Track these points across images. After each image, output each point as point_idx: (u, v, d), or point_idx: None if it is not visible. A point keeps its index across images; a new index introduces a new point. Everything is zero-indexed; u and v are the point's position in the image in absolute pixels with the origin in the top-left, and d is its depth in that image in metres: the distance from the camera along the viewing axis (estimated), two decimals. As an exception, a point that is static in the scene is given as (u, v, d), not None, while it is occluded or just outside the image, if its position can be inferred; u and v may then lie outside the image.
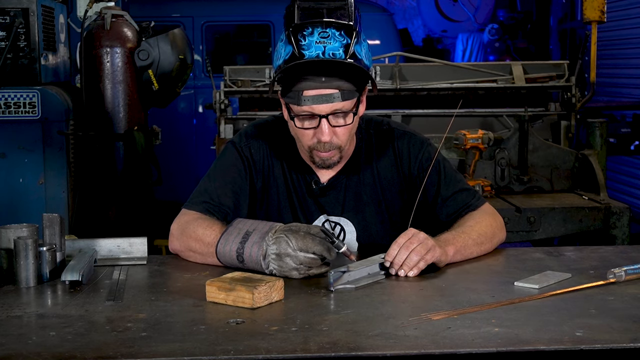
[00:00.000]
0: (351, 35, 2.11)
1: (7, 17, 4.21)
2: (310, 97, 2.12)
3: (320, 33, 2.09)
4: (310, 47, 2.09)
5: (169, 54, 4.54)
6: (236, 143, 2.36)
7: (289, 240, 1.95)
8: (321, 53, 2.08)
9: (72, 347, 1.53)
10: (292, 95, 2.15)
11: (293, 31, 2.11)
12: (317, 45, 2.09)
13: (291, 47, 2.11)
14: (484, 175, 4.55)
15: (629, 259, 2.13)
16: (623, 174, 8.16)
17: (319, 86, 2.11)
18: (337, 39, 2.10)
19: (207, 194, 2.29)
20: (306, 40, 2.09)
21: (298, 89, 2.13)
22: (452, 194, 2.32)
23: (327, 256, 1.96)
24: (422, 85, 5.01)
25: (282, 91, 2.20)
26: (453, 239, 2.16)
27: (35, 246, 1.97)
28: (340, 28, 2.10)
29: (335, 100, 2.12)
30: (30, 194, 4.23)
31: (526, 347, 1.51)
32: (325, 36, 2.09)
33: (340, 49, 2.09)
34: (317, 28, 2.10)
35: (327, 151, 2.20)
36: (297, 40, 2.10)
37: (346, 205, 2.34)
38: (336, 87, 2.12)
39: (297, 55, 2.09)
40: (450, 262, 2.13)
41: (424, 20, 12.04)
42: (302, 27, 2.10)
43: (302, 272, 1.96)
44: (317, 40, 2.09)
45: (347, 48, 2.10)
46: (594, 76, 4.93)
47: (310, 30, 2.10)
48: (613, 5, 7.56)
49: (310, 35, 2.09)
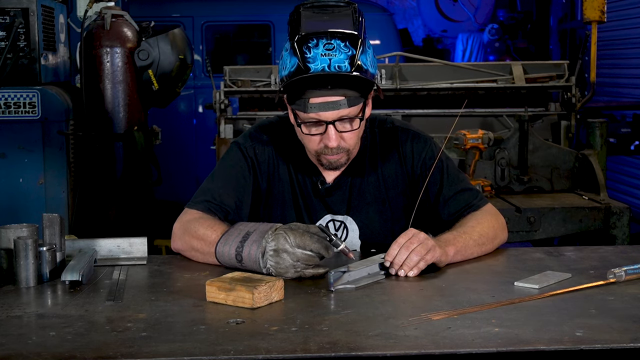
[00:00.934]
0: (356, 45, 2.11)
1: (7, 17, 4.21)
2: (317, 105, 2.13)
3: (325, 45, 2.10)
4: (315, 60, 2.09)
5: (169, 54, 4.55)
6: (241, 144, 2.36)
7: (287, 236, 1.96)
8: (327, 66, 2.09)
9: (72, 347, 1.53)
10: (298, 103, 2.16)
11: (298, 43, 2.12)
12: (323, 58, 2.09)
13: (296, 60, 2.12)
14: (484, 175, 4.55)
15: (629, 259, 2.12)
16: (623, 174, 8.16)
17: (325, 94, 2.12)
18: (342, 50, 2.10)
19: (209, 193, 2.30)
20: (311, 52, 2.10)
21: (304, 97, 2.13)
22: (455, 193, 2.32)
23: (324, 254, 1.96)
24: (422, 85, 5.01)
25: (288, 98, 2.20)
26: (454, 240, 2.16)
27: (35, 246, 1.97)
28: (345, 39, 2.11)
29: (342, 107, 2.13)
30: (30, 194, 4.23)
31: (526, 347, 1.51)
32: (330, 48, 2.10)
33: (345, 61, 2.10)
34: (322, 40, 2.10)
35: (335, 154, 2.21)
36: (302, 52, 2.10)
37: (351, 204, 2.34)
38: (342, 94, 2.13)
39: (303, 69, 2.10)
40: (451, 262, 2.13)
41: (424, 20, 12.04)
42: (307, 39, 2.11)
43: (299, 270, 1.96)
44: (322, 53, 2.09)
45: (353, 59, 2.10)
46: (594, 76, 4.93)
47: (315, 42, 2.10)
48: (613, 5, 7.56)
49: (316, 48, 2.10)
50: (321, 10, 2.16)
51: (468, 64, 6.74)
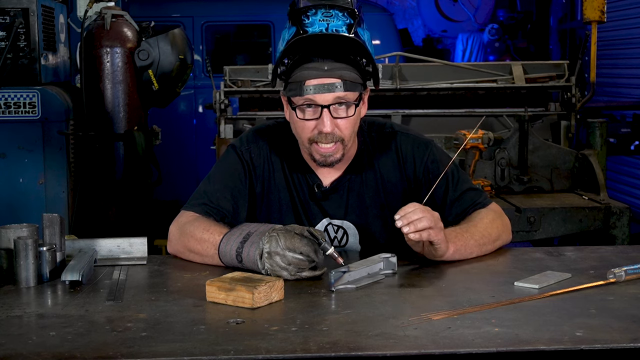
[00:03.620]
0: (354, 17, 2.14)
1: (7, 17, 4.21)
2: (313, 87, 2.13)
3: (324, 13, 2.13)
4: (314, 25, 2.12)
5: (169, 54, 4.54)
6: (237, 147, 2.36)
7: (279, 239, 1.96)
8: (324, 29, 2.11)
9: (72, 347, 1.53)
10: (293, 87, 2.16)
11: (297, 13, 2.14)
12: (321, 22, 2.12)
13: (295, 28, 2.14)
14: (484, 175, 4.55)
15: (629, 259, 2.13)
16: (623, 174, 8.16)
17: (322, 75, 2.13)
18: (341, 18, 2.13)
19: (206, 196, 2.29)
20: (310, 19, 2.12)
21: (300, 78, 2.14)
22: (460, 193, 2.31)
23: (314, 258, 1.96)
24: (422, 85, 5.01)
25: (284, 86, 2.21)
26: (455, 238, 2.15)
27: (35, 246, 1.97)
28: (343, 10, 2.14)
29: (338, 90, 2.13)
30: (30, 194, 4.23)
31: (526, 347, 1.51)
32: (329, 15, 2.13)
33: (343, 26, 2.12)
34: (320, 9, 2.13)
35: (329, 143, 2.19)
36: (300, 20, 2.13)
37: (349, 208, 2.33)
38: (339, 76, 2.13)
39: (301, 33, 2.12)
40: (449, 259, 2.13)
41: (424, 20, 12.04)
42: (306, 10, 2.14)
43: (293, 274, 1.96)
44: (320, 19, 2.12)
45: (350, 27, 2.13)
46: (594, 76, 4.93)
47: (313, 11, 2.13)
48: (613, 5, 7.56)
49: (314, 15, 2.13)
50: None
51: (468, 64, 6.74)
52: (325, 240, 1.98)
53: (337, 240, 2.33)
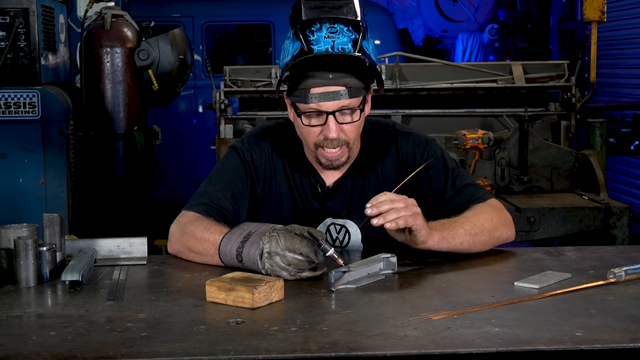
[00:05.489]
0: (359, 30, 2.13)
1: (7, 17, 4.21)
2: (317, 95, 2.13)
3: (329, 28, 2.11)
4: (319, 42, 2.10)
5: (169, 54, 4.54)
6: (238, 148, 2.37)
7: (279, 239, 1.95)
8: (330, 47, 2.10)
9: (72, 347, 1.53)
10: (298, 94, 2.16)
11: (301, 27, 2.12)
12: (326, 40, 2.10)
13: (299, 43, 2.12)
14: (484, 175, 4.55)
15: (629, 259, 2.12)
16: (623, 174, 8.16)
17: (326, 83, 2.13)
18: (346, 34, 2.11)
19: (207, 196, 2.29)
20: (315, 35, 2.11)
21: (305, 86, 2.14)
22: (459, 188, 2.31)
23: (313, 258, 1.95)
24: (422, 85, 5.01)
25: (288, 90, 2.21)
26: (441, 226, 2.13)
27: (35, 246, 1.97)
28: (348, 24, 2.12)
29: (342, 97, 2.13)
30: (30, 194, 4.23)
31: (526, 347, 1.51)
32: (334, 31, 2.11)
33: (349, 43, 2.11)
34: (325, 24, 2.12)
35: (335, 148, 2.20)
36: (305, 35, 2.11)
37: (351, 207, 2.33)
38: (343, 84, 2.13)
39: (306, 50, 2.10)
40: (436, 249, 2.11)
41: (424, 20, 12.04)
42: (310, 24, 2.12)
43: (293, 274, 1.95)
44: (325, 36, 2.11)
45: (356, 43, 2.12)
46: (594, 76, 4.93)
47: (318, 26, 2.12)
48: (613, 5, 7.56)
49: (319, 31, 2.11)
50: (323, 2, 2.17)
51: (468, 64, 6.74)
52: (325, 242, 1.98)
53: (339, 240, 2.34)
